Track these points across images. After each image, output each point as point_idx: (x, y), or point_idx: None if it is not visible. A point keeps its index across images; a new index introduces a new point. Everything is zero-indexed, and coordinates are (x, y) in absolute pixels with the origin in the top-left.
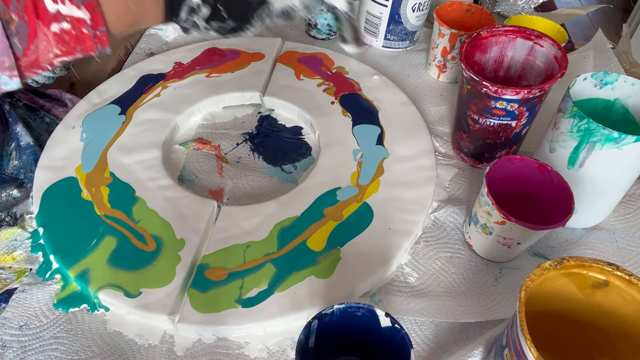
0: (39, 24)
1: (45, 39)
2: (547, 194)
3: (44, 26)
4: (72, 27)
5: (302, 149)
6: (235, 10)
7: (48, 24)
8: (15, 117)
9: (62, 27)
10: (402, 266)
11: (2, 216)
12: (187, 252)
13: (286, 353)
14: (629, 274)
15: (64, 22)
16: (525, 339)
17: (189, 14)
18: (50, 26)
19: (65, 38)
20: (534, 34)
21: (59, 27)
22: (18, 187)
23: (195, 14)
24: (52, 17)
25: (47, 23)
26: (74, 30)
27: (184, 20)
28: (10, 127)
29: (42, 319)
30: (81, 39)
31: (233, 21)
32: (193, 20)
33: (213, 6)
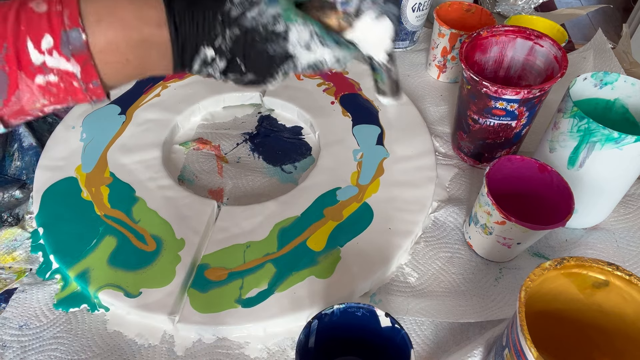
0: (20, 75)
1: (28, 90)
2: (547, 194)
3: (27, 78)
4: (60, 80)
5: (302, 149)
6: (255, 64)
7: (32, 76)
8: None
9: (48, 80)
10: (402, 266)
11: (5, 217)
12: (187, 252)
13: (286, 353)
14: (629, 274)
15: (51, 75)
16: (525, 339)
17: (202, 66)
18: (34, 78)
19: (52, 90)
20: (534, 34)
21: (44, 79)
22: (20, 188)
23: (209, 66)
24: (37, 69)
25: (31, 75)
26: (63, 83)
27: (197, 71)
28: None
29: (42, 319)
30: (71, 91)
31: (253, 74)
32: (208, 71)
33: (230, 59)
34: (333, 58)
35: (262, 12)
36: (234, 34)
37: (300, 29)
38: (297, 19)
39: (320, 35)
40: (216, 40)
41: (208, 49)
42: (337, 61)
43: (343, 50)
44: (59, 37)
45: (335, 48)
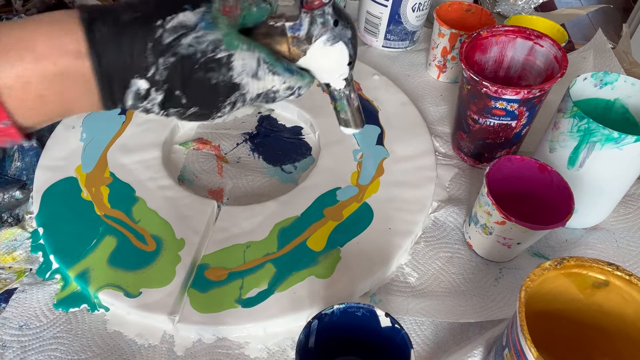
0: None
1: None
2: (547, 194)
3: None
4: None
5: (302, 149)
6: (197, 95)
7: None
8: None
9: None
10: (402, 266)
11: (5, 217)
12: (187, 252)
13: (286, 353)
14: (629, 274)
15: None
16: (525, 339)
17: (136, 101)
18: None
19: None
20: (534, 34)
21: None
22: (21, 189)
23: (145, 100)
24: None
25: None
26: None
27: (132, 106)
28: None
29: (42, 319)
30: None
31: (197, 107)
32: (145, 107)
33: (167, 91)
34: (285, 87)
35: (199, 38)
36: (168, 63)
37: (246, 56)
38: (241, 45)
39: (269, 62)
40: (148, 70)
41: (140, 81)
42: (291, 90)
43: (296, 79)
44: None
45: (287, 76)
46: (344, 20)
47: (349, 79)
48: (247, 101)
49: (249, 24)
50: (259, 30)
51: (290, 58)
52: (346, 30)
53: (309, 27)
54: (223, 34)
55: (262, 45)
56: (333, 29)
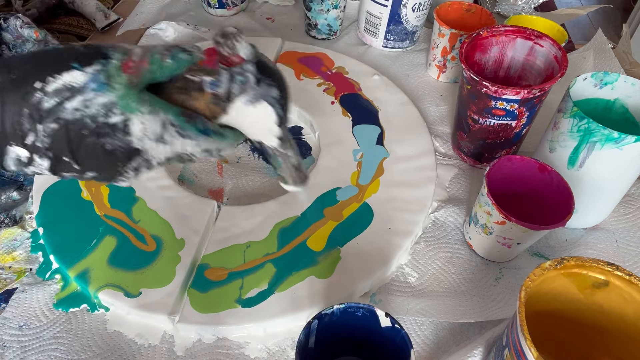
0: None
1: None
2: (547, 194)
3: None
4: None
5: (302, 149)
6: (91, 161)
7: None
8: None
9: None
10: (402, 266)
11: (2, 218)
12: (187, 252)
13: (286, 353)
14: (629, 274)
15: None
16: (525, 339)
17: (19, 166)
18: None
19: None
20: (534, 34)
21: None
22: (18, 189)
23: (29, 165)
24: None
25: None
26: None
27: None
28: None
29: (42, 319)
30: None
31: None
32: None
33: (54, 157)
34: (199, 149)
35: (87, 102)
36: (49, 129)
37: (147, 119)
38: (139, 108)
39: (178, 125)
40: (27, 137)
41: (17, 149)
42: (207, 152)
43: (213, 140)
44: None
45: (201, 139)
46: (270, 78)
47: (284, 137)
48: (153, 166)
49: (162, 78)
50: (175, 84)
51: (210, 116)
52: (271, 89)
53: (228, 85)
54: (118, 96)
55: (170, 105)
56: (254, 87)
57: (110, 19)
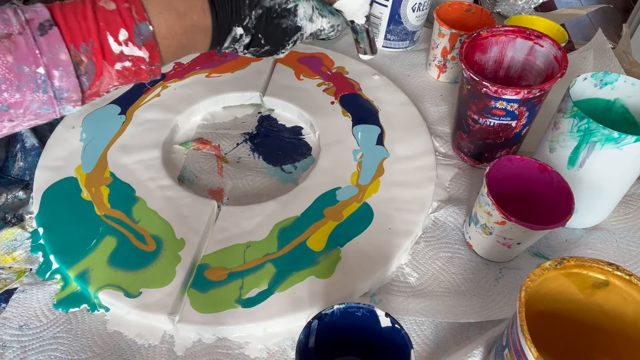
0: (104, 64)
1: (108, 75)
2: (547, 194)
3: (108, 65)
4: (133, 65)
5: (302, 149)
6: (272, 37)
7: (112, 63)
8: None
9: (124, 65)
10: (402, 266)
11: (8, 217)
12: (187, 252)
13: (286, 353)
14: (629, 274)
15: (127, 61)
16: (525, 339)
17: (231, 43)
18: (114, 65)
19: (125, 74)
20: (534, 34)
21: (121, 65)
22: (23, 189)
23: (237, 42)
24: (116, 58)
25: (111, 63)
26: (134, 67)
27: (226, 47)
28: None
29: (42, 319)
30: (138, 72)
31: (269, 46)
32: (234, 47)
33: (253, 35)
34: (329, 26)
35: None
36: (257, 14)
37: (306, 5)
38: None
39: (319, 8)
40: (245, 20)
41: (238, 29)
42: (332, 28)
43: (336, 19)
44: (132, 30)
45: (330, 17)
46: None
47: (369, 16)
48: (303, 39)
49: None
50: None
51: (329, 2)
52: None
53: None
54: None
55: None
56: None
57: None
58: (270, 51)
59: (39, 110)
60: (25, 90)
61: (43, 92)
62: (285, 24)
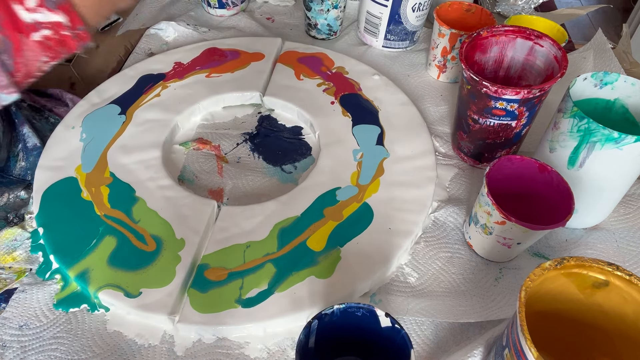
0: (20, 37)
1: (29, 49)
2: (547, 194)
3: (25, 38)
4: (54, 32)
5: (302, 149)
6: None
7: (28, 33)
8: (21, 119)
9: (43, 35)
10: (402, 266)
11: (10, 217)
12: (187, 252)
13: (286, 353)
14: (629, 274)
15: (44, 30)
16: (526, 339)
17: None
18: (30, 36)
19: (48, 44)
20: (534, 34)
21: (40, 35)
22: (25, 189)
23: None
24: (30, 27)
25: (27, 33)
26: (55, 35)
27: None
28: (17, 129)
29: (42, 319)
30: (63, 41)
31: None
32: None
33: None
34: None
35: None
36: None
37: None
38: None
39: None
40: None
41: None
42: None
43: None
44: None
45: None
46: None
47: None
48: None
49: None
50: None
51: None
52: None
53: None
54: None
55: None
56: None
57: (110, 18)
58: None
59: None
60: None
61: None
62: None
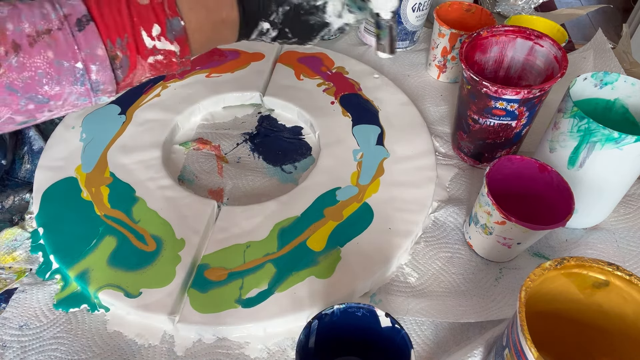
0: (138, 59)
1: (141, 68)
2: (547, 194)
3: (142, 59)
4: (164, 58)
5: (302, 149)
6: (300, 32)
7: (146, 57)
8: None
9: (156, 59)
10: (402, 266)
11: (15, 219)
12: (187, 252)
13: (286, 353)
14: (629, 274)
15: (159, 55)
16: (526, 339)
17: (258, 36)
18: (147, 59)
19: (157, 66)
20: (534, 34)
21: (154, 59)
22: (30, 191)
23: (264, 35)
24: (149, 52)
25: (145, 57)
26: (165, 60)
27: (253, 39)
28: (22, 131)
29: (42, 319)
30: (169, 65)
31: (297, 39)
32: (261, 39)
33: (281, 30)
34: (355, 21)
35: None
36: (284, 10)
37: (335, 2)
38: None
39: (349, 5)
40: (271, 16)
41: (265, 23)
42: (358, 22)
43: (363, 14)
44: (164, 25)
45: (358, 13)
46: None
47: (395, 12)
48: (330, 33)
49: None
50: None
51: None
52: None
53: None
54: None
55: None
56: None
57: None
58: (297, 42)
59: (76, 102)
60: (64, 84)
61: (81, 85)
62: (313, 20)
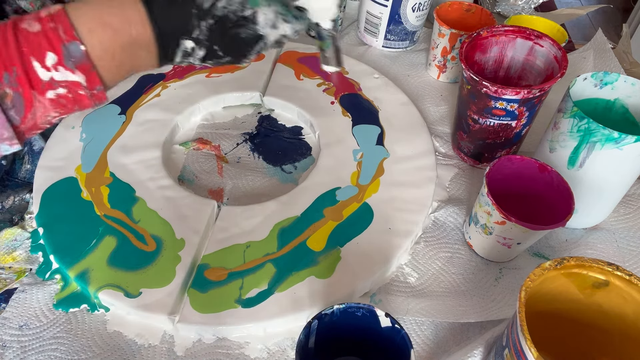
0: (34, 94)
1: (41, 106)
2: (547, 194)
3: (39, 95)
4: (69, 91)
5: (302, 149)
6: (231, 48)
7: (43, 92)
8: None
9: (58, 93)
10: (402, 266)
11: (15, 220)
12: (187, 252)
13: (286, 353)
14: (629, 274)
15: (60, 88)
16: (525, 339)
17: (183, 57)
18: (45, 94)
19: (61, 102)
20: (534, 34)
21: (54, 93)
22: (30, 192)
23: (190, 56)
24: (46, 85)
25: (42, 92)
26: (71, 94)
27: (179, 62)
28: None
29: (42, 319)
30: (78, 100)
31: (229, 57)
32: (189, 61)
33: (208, 47)
34: (293, 31)
35: (230, 1)
36: (208, 24)
37: (266, 11)
38: (261, 2)
39: (283, 13)
40: (194, 32)
41: (188, 42)
42: (296, 33)
43: (300, 23)
44: (60, 52)
45: (295, 22)
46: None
47: (336, 21)
48: (266, 47)
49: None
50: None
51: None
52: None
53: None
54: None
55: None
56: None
57: None
58: (231, 61)
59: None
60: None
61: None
62: (244, 34)
